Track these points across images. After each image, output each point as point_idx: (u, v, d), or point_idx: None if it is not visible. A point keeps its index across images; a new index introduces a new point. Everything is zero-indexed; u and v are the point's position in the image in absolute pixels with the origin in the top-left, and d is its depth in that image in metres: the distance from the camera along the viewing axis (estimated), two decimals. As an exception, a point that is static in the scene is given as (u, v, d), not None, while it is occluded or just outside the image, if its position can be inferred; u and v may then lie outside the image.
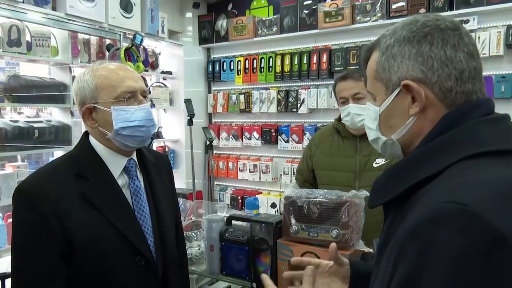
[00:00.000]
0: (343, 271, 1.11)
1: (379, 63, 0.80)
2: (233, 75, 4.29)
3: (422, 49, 0.74)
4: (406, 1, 3.30)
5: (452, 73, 0.73)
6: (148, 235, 1.29)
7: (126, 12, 3.47)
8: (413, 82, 0.74)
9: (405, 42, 0.76)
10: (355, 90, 1.95)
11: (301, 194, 1.53)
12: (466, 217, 0.56)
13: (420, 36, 0.75)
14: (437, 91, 0.73)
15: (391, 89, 0.78)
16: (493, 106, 0.76)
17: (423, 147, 0.74)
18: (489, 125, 0.71)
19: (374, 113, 0.84)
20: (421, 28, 0.75)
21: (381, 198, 0.77)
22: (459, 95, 0.73)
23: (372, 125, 0.86)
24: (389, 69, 0.78)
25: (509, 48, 2.99)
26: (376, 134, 0.85)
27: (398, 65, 0.76)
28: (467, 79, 0.73)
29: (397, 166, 0.77)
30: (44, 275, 1.14)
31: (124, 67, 1.30)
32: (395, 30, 0.79)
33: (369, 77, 0.85)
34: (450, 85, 0.73)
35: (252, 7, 4.31)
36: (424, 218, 0.60)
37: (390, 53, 0.78)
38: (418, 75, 0.74)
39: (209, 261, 1.77)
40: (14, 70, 3.19)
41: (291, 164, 3.94)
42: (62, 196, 1.17)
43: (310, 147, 2.19)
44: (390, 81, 0.78)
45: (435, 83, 0.73)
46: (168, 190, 1.46)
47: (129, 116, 1.24)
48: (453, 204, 0.58)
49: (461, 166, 0.66)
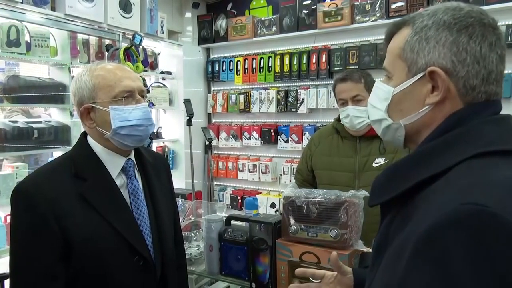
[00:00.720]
0: (347, 280, 1.10)
1: (409, 42, 0.75)
2: (232, 75, 4.29)
3: (460, 40, 0.70)
4: (406, 1, 3.30)
5: (481, 72, 0.70)
6: (146, 235, 1.30)
7: (125, 12, 3.47)
8: (440, 70, 0.71)
9: (444, 28, 0.71)
10: (354, 92, 1.94)
11: (300, 194, 1.53)
12: (486, 218, 0.54)
13: (462, 25, 0.71)
14: (461, 86, 0.71)
15: (413, 72, 0.75)
16: (501, 107, 0.74)
17: (428, 144, 0.72)
18: (493, 125, 0.70)
19: (386, 93, 0.80)
20: (464, 17, 0.71)
21: (382, 196, 0.75)
22: (480, 95, 0.71)
23: (379, 104, 0.82)
24: (419, 51, 0.74)
25: (509, 48, 2.99)
26: (381, 115, 0.82)
27: (429, 50, 0.72)
28: (493, 81, 0.72)
29: (400, 164, 0.74)
30: (42, 275, 1.14)
31: (122, 67, 1.31)
32: (436, 12, 0.74)
33: (391, 54, 0.80)
34: (476, 83, 0.70)
35: (252, 7, 4.30)
36: (440, 221, 0.58)
37: (424, 34, 0.73)
38: (447, 65, 0.71)
39: (208, 261, 1.77)
40: (14, 71, 3.19)
41: (290, 164, 3.94)
42: (61, 196, 1.17)
43: (309, 147, 2.19)
44: (415, 64, 0.74)
45: (462, 77, 0.70)
46: (166, 190, 1.47)
47: (127, 116, 1.24)
48: (471, 205, 0.56)
49: (468, 165, 0.65)
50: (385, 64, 0.82)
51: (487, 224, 0.54)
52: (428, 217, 0.60)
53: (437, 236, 0.57)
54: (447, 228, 0.56)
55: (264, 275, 1.59)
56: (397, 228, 0.71)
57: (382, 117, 0.82)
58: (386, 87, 0.80)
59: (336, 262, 1.08)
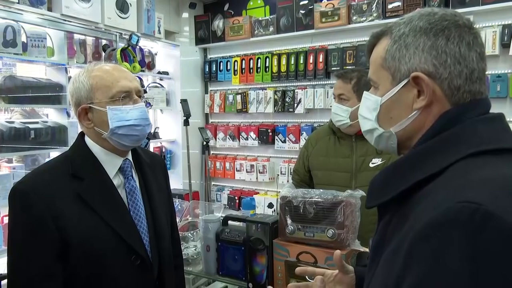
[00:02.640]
0: (348, 279, 1.09)
1: (389, 52, 0.77)
2: (229, 75, 4.29)
3: (438, 43, 0.72)
4: (402, 1, 3.30)
5: (463, 71, 0.72)
6: (144, 235, 1.30)
7: (122, 12, 3.46)
8: (423, 74, 0.72)
9: (421, 33, 0.73)
10: (340, 91, 1.99)
11: (297, 194, 1.53)
12: (481, 216, 0.55)
13: (438, 29, 0.72)
14: (446, 88, 0.72)
15: (398, 80, 0.76)
16: (490, 106, 0.75)
17: (423, 145, 0.73)
18: (486, 124, 0.71)
19: (374, 103, 0.81)
20: (439, 21, 0.73)
21: (379, 198, 0.75)
22: (465, 94, 0.72)
23: (369, 115, 0.83)
24: (400, 58, 0.75)
25: (505, 48, 3.00)
26: (372, 125, 0.83)
27: (410, 56, 0.74)
28: (476, 79, 0.73)
29: (396, 165, 0.75)
30: (40, 275, 1.14)
31: (119, 68, 1.32)
32: (411, 19, 0.76)
33: (374, 64, 0.81)
34: (460, 83, 0.72)
35: (249, 7, 4.30)
36: (436, 219, 0.58)
37: (403, 42, 0.75)
38: (430, 69, 0.72)
39: (206, 262, 1.77)
40: (11, 71, 3.18)
41: (288, 164, 3.94)
42: (58, 197, 1.17)
43: (306, 147, 2.20)
44: (398, 71, 0.76)
45: (445, 79, 0.72)
46: (163, 190, 1.47)
47: (124, 116, 1.25)
48: (466, 203, 0.56)
49: (463, 165, 0.66)
50: (369, 75, 0.83)
51: (481, 222, 0.55)
52: (424, 216, 0.60)
53: (432, 234, 0.58)
54: (442, 226, 0.57)
55: (261, 275, 1.60)
56: (394, 228, 0.71)
57: (373, 127, 0.83)
58: (374, 97, 0.82)
59: (339, 261, 1.08)
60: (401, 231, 0.66)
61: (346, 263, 1.11)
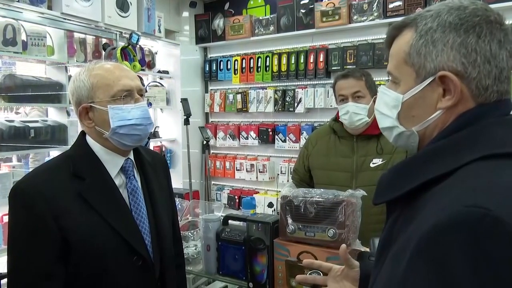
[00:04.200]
0: (354, 274, 1.08)
1: (414, 47, 0.72)
2: (230, 75, 4.29)
3: (468, 40, 0.68)
4: (403, 1, 3.30)
5: (493, 71, 0.68)
6: (145, 235, 1.29)
7: (123, 11, 3.46)
8: (451, 74, 0.68)
9: (451, 29, 0.69)
10: (355, 89, 1.94)
11: (297, 194, 1.53)
12: (489, 222, 0.53)
13: (469, 25, 0.68)
14: (474, 88, 0.68)
15: (422, 77, 0.72)
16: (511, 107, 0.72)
17: (436, 144, 0.71)
18: (503, 126, 0.68)
19: (394, 99, 0.77)
20: (470, 17, 0.69)
21: (386, 195, 0.74)
22: (493, 95, 0.69)
23: (389, 112, 0.79)
24: (426, 55, 0.71)
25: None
26: (392, 123, 0.79)
27: (437, 53, 0.70)
28: (504, 78, 0.69)
29: (406, 163, 0.73)
30: (41, 275, 1.14)
31: (120, 66, 1.30)
32: (439, 12, 0.71)
33: (395, 59, 0.77)
34: (488, 83, 0.68)
35: (249, 7, 4.30)
36: (444, 222, 0.56)
37: (430, 37, 0.70)
38: (458, 68, 0.68)
39: (206, 261, 1.77)
40: (10, 70, 3.18)
41: (288, 163, 3.94)
42: (59, 196, 1.16)
43: (306, 146, 2.19)
44: (423, 68, 0.72)
45: (474, 79, 0.68)
46: (165, 189, 1.46)
47: (126, 115, 1.24)
48: (474, 208, 0.55)
49: (475, 167, 0.63)
50: (389, 69, 0.79)
51: (488, 227, 0.53)
52: (431, 218, 0.59)
53: (438, 237, 0.56)
54: (449, 229, 0.56)
55: (262, 274, 1.59)
56: (401, 227, 0.70)
57: (393, 125, 0.79)
58: (394, 94, 0.78)
59: (344, 255, 1.07)
60: (406, 232, 0.65)
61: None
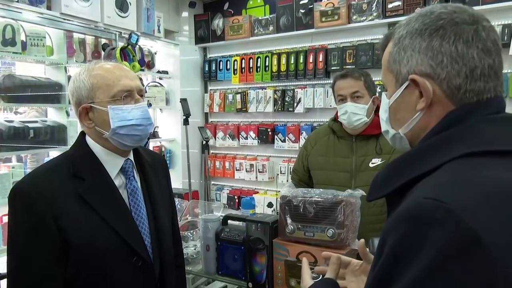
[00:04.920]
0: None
1: (391, 54, 0.78)
2: (229, 75, 4.29)
3: (433, 44, 0.72)
4: (402, 1, 3.31)
5: (462, 70, 0.70)
6: (145, 235, 1.29)
7: (122, 11, 3.46)
8: (420, 77, 0.73)
9: (417, 35, 0.74)
10: (354, 89, 1.95)
11: (297, 194, 1.53)
12: (440, 214, 0.56)
13: (432, 29, 0.72)
14: (445, 88, 0.72)
15: (400, 82, 0.77)
16: (504, 105, 0.74)
17: (423, 144, 0.74)
18: (494, 124, 0.69)
19: (385, 105, 0.84)
20: (434, 21, 0.72)
21: (378, 193, 0.77)
22: (468, 94, 0.71)
23: (384, 116, 0.86)
24: (400, 61, 0.76)
25: (505, 48, 3.00)
26: (386, 126, 0.86)
27: (408, 58, 0.75)
28: (479, 77, 0.70)
29: (397, 162, 0.76)
30: (40, 275, 1.14)
31: (120, 67, 1.30)
32: (409, 21, 0.77)
33: (383, 68, 0.83)
34: (459, 82, 0.71)
35: (248, 7, 4.30)
36: (401, 213, 0.61)
37: (401, 44, 0.76)
38: (427, 70, 0.72)
39: (205, 261, 1.77)
40: (10, 70, 3.17)
41: (287, 163, 3.94)
42: (59, 197, 1.16)
43: (305, 146, 2.19)
44: (400, 74, 0.77)
45: (444, 79, 0.71)
46: (164, 190, 1.46)
47: (126, 115, 1.24)
48: (430, 200, 0.58)
49: (455, 165, 0.65)
50: (381, 78, 0.86)
51: (439, 219, 0.56)
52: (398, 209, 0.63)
53: (396, 225, 0.61)
54: (404, 218, 0.60)
55: (261, 274, 1.60)
56: None
57: (386, 128, 0.86)
58: (385, 99, 0.84)
59: (362, 248, 1.07)
60: None
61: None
